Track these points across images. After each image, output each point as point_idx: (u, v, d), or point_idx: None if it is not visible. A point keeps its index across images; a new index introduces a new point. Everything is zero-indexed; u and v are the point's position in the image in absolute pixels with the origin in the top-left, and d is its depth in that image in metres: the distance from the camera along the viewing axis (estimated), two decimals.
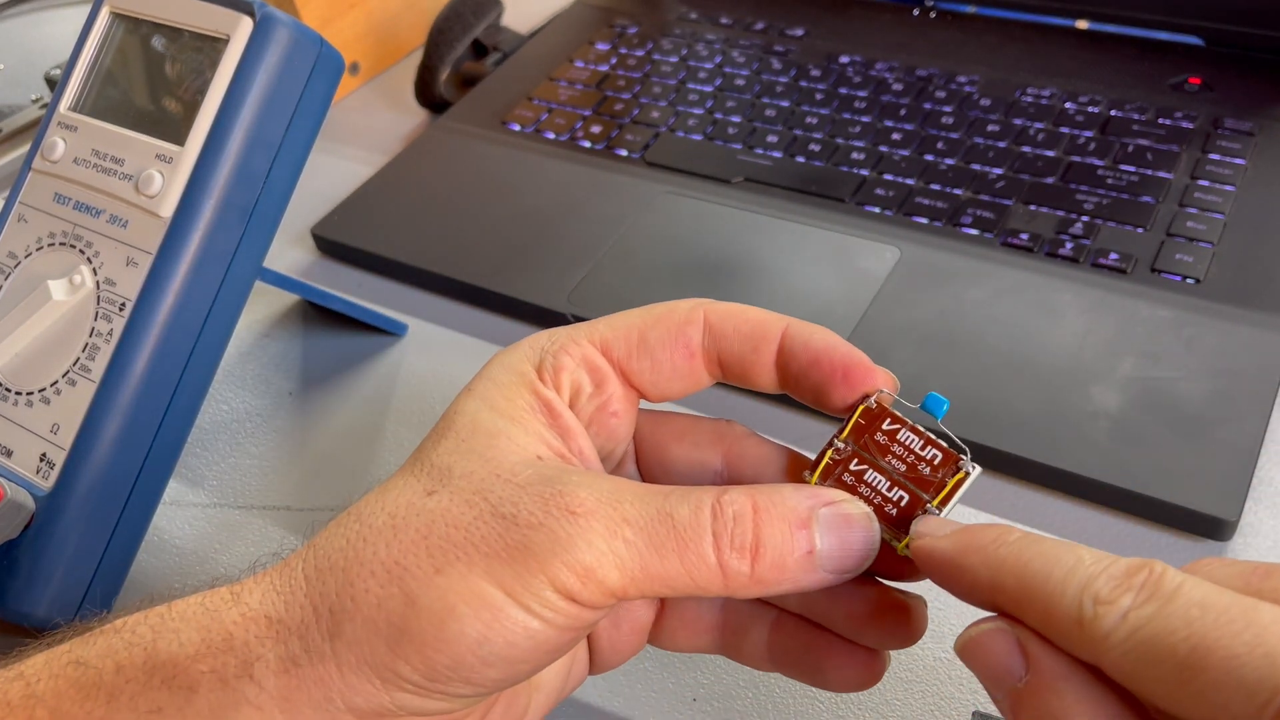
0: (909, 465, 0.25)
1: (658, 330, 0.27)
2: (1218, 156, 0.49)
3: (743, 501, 0.24)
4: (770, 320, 0.27)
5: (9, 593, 0.34)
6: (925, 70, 0.58)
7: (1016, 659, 0.21)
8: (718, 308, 0.27)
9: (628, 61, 0.62)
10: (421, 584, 0.23)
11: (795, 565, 0.23)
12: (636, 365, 0.27)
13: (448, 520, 0.23)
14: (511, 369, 0.26)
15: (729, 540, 0.23)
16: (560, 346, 0.27)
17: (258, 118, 0.35)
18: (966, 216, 0.48)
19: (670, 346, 0.27)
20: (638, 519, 0.23)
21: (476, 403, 0.26)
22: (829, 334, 0.26)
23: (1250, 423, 0.38)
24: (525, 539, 0.22)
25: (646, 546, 0.23)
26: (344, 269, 0.52)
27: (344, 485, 0.41)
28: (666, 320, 0.27)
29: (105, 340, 0.35)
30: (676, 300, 0.28)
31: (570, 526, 0.22)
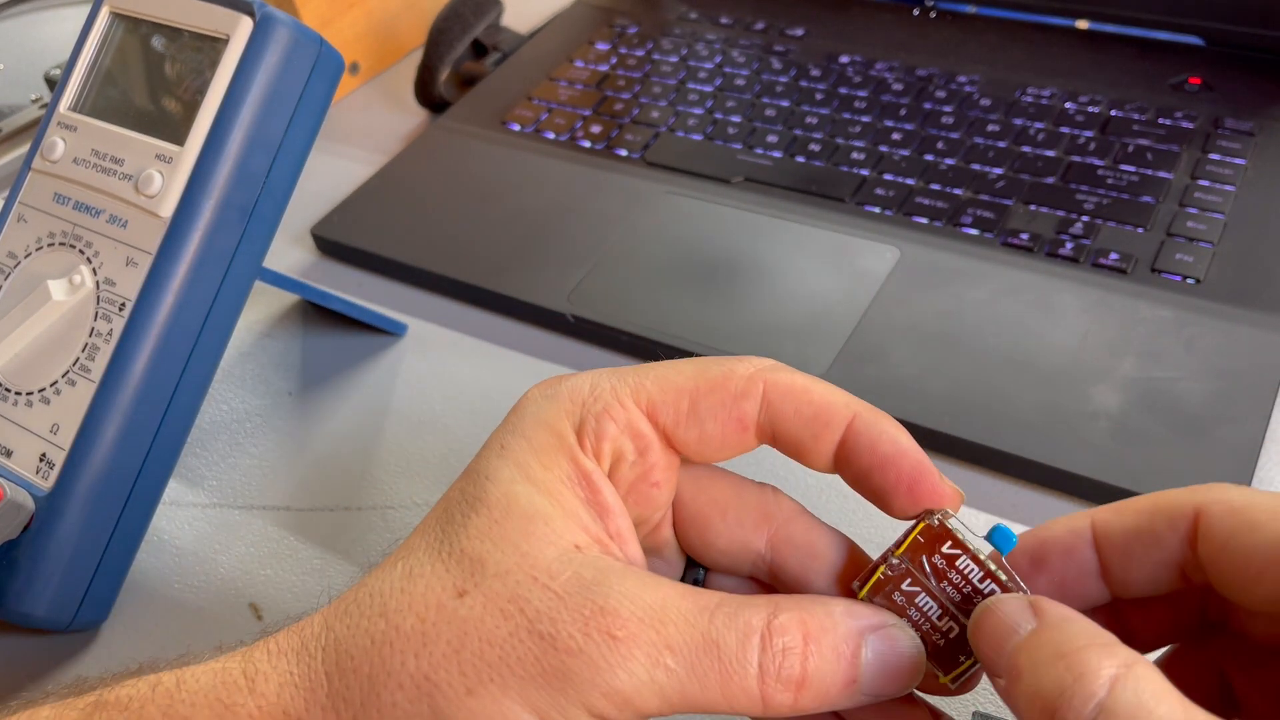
0: (964, 596, 0.24)
1: (710, 400, 0.25)
2: (1218, 156, 0.49)
3: (794, 633, 0.23)
4: (836, 406, 0.25)
5: (9, 593, 0.34)
6: (925, 70, 0.58)
7: (1028, 614, 0.22)
8: (779, 383, 0.25)
9: (628, 61, 0.62)
10: (453, 704, 0.21)
11: (838, 693, 0.23)
12: (684, 434, 0.25)
13: (481, 635, 0.22)
14: (549, 428, 0.25)
15: (775, 674, 0.22)
16: (604, 408, 0.25)
17: (257, 117, 0.35)
18: (967, 216, 0.48)
19: (722, 418, 0.25)
20: (682, 645, 0.22)
21: (511, 470, 0.24)
22: (899, 433, 0.25)
23: (1250, 423, 0.38)
24: (563, 665, 0.21)
25: (689, 675, 0.22)
26: (344, 269, 0.52)
27: (343, 485, 0.41)
28: (721, 389, 0.25)
29: (105, 340, 0.35)
30: (734, 363, 0.25)
31: (611, 654, 0.21)
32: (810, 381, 0.25)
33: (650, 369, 0.26)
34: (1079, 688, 0.20)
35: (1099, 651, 0.20)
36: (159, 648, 0.36)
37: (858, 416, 0.25)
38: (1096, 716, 0.19)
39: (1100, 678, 0.20)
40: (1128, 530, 0.24)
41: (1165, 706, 0.19)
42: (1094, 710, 0.19)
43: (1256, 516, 0.22)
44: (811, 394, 0.25)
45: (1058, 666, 0.20)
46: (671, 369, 0.25)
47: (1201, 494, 0.23)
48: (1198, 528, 0.23)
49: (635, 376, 0.25)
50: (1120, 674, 0.20)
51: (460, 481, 0.25)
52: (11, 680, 0.36)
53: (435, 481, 0.41)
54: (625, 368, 0.26)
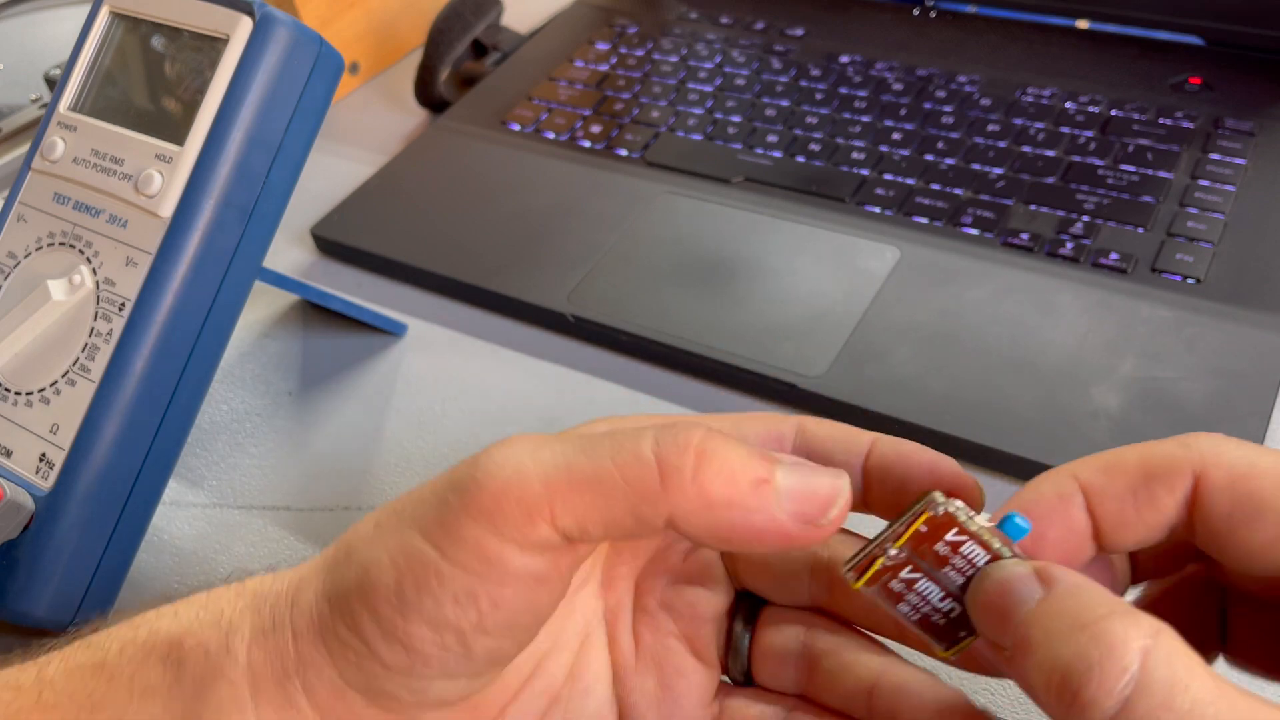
0: (967, 579, 0.23)
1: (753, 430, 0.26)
2: (1218, 156, 0.49)
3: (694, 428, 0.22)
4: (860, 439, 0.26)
5: (9, 592, 0.34)
6: (925, 70, 0.58)
7: (1034, 581, 0.21)
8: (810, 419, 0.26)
9: (628, 61, 0.62)
10: (364, 540, 0.23)
11: (747, 486, 0.21)
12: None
13: (413, 494, 0.23)
14: None
15: (672, 439, 0.21)
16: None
17: (257, 117, 0.35)
18: (967, 216, 0.48)
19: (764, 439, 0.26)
20: (574, 443, 0.22)
21: None
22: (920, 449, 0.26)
23: (1251, 423, 0.38)
24: (453, 479, 0.22)
25: (576, 449, 0.21)
26: (344, 269, 0.52)
27: (343, 485, 0.41)
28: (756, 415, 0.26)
29: (105, 340, 0.35)
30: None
31: (496, 455, 0.22)
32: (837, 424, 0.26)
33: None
34: (1109, 662, 0.19)
35: (1123, 621, 0.19)
36: None
37: (880, 437, 0.26)
38: (1130, 693, 0.18)
39: (1130, 650, 0.19)
40: (1120, 493, 0.23)
41: (1199, 681, 0.18)
42: (1128, 685, 0.18)
43: (1263, 489, 0.21)
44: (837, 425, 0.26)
45: (1080, 638, 0.19)
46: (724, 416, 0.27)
47: (1197, 450, 0.22)
48: (1198, 492, 0.22)
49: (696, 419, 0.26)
50: (1150, 645, 0.19)
51: None
52: None
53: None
54: None
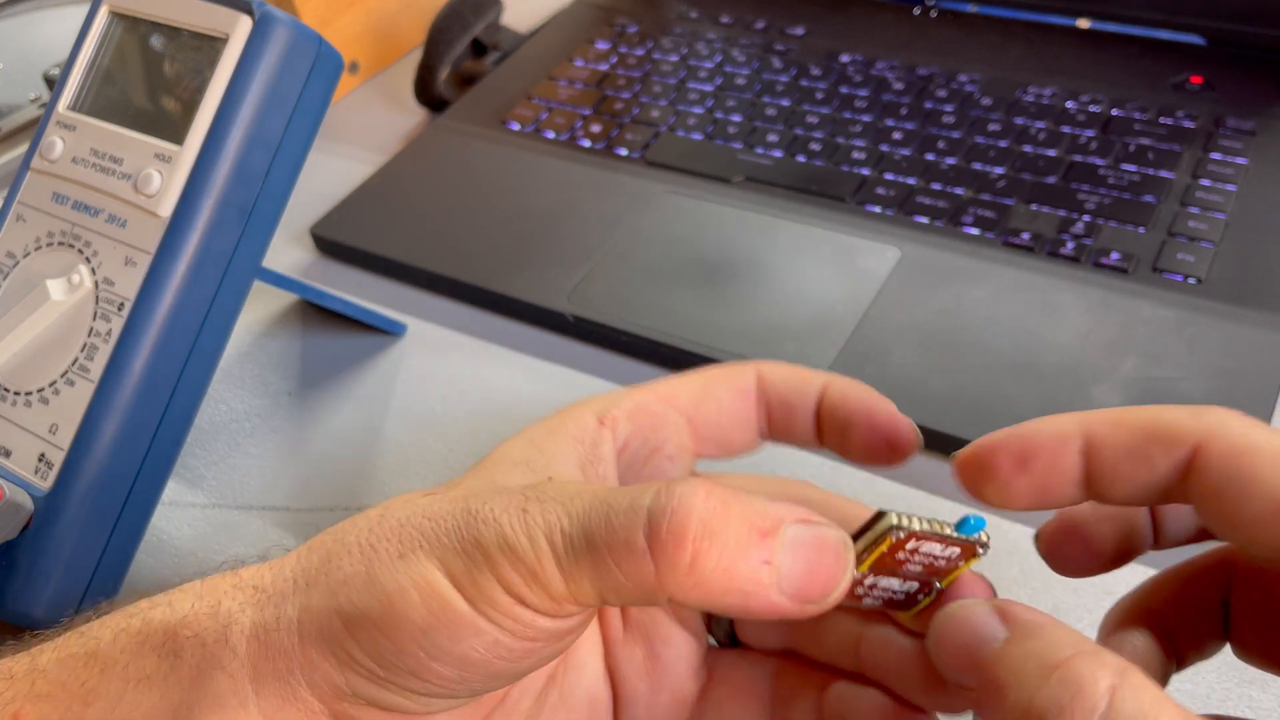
0: (925, 567, 0.24)
1: (719, 381, 0.29)
2: (1219, 156, 0.49)
3: (697, 492, 0.21)
4: (812, 374, 0.29)
5: (8, 593, 0.34)
6: (926, 69, 0.58)
7: (996, 621, 0.22)
8: (768, 366, 0.29)
9: (628, 60, 0.62)
10: (385, 565, 0.23)
11: (748, 573, 0.21)
12: (703, 410, 0.28)
13: (427, 514, 0.23)
14: (568, 411, 0.28)
15: (667, 524, 0.21)
16: (625, 394, 0.28)
17: (257, 117, 0.35)
18: (968, 216, 0.48)
19: (730, 390, 0.29)
20: (580, 510, 0.22)
21: (521, 442, 0.27)
22: (868, 391, 0.28)
23: None
24: (478, 533, 0.22)
25: (580, 537, 0.21)
26: (343, 269, 0.52)
27: (343, 485, 0.41)
28: (726, 371, 0.29)
29: (104, 340, 0.35)
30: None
31: (516, 521, 0.22)
32: (792, 366, 0.29)
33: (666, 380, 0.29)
34: (1078, 702, 0.19)
35: (1090, 661, 0.20)
36: None
37: (832, 379, 0.29)
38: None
39: (1099, 689, 0.19)
40: (1120, 447, 0.23)
41: (1166, 715, 0.19)
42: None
43: (1258, 466, 0.21)
44: (792, 367, 0.29)
45: (1050, 682, 0.20)
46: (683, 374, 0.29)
47: (1204, 420, 0.22)
48: (1194, 461, 0.22)
49: (659, 381, 0.29)
50: (1117, 684, 0.19)
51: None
52: None
53: (435, 481, 0.41)
54: None
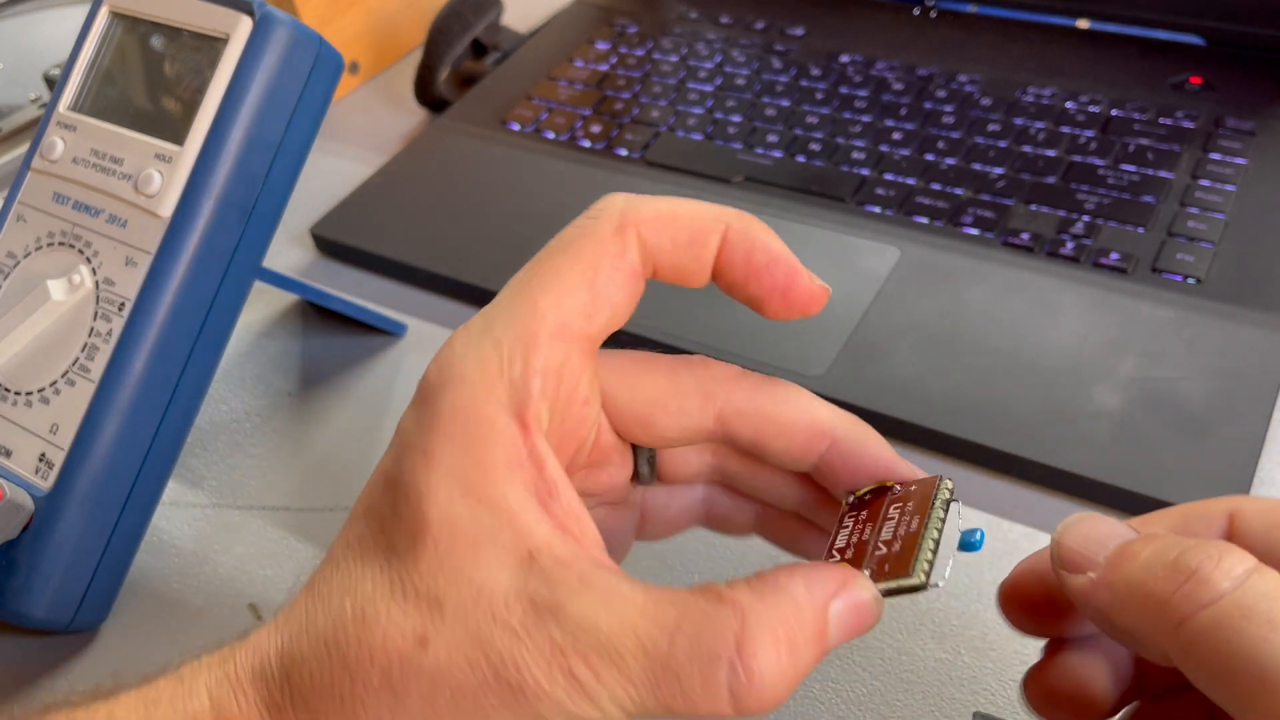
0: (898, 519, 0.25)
1: (603, 274, 0.24)
2: (1219, 156, 0.49)
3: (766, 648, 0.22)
4: (706, 224, 0.25)
5: (8, 593, 0.34)
6: (926, 69, 0.58)
7: (1126, 527, 0.23)
8: (647, 220, 0.24)
9: (628, 61, 0.62)
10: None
11: (809, 669, 0.23)
12: (595, 324, 0.24)
13: (452, 686, 0.21)
14: (479, 420, 0.23)
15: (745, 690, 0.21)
16: (526, 365, 0.23)
17: (257, 117, 0.35)
18: (967, 216, 0.48)
19: (619, 281, 0.24)
20: (644, 680, 0.21)
21: (447, 486, 0.22)
22: (770, 239, 0.25)
23: (1251, 423, 0.38)
24: (532, 711, 0.21)
25: (656, 704, 0.22)
26: (343, 269, 0.52)
27: (343, 485, 0.41)
28: (606, 259, 0.24)
29: (104, 340, 0.35)
30: (596, 224, 0.25)
31: (574, 694, 0.21)
32: (672, 204, 0.25)
33: (525, 291, 0.24)
34: (1225, 556, 0.20)
35: (1234, 547, 0.20)
36: (158, 648, 0.36)
37: (730, 229, 0.25)
38: (1245, 579, 0.19)
39: (1242, 555, 0.20)
40: (1167, 529, 0.24)
41: None
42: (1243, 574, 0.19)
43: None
44: (680, 219, 0.25)
45: (1196, 544, 0.20)
46: (547, 275, 0.24)
47: (1233, 499, 0.24)
48: (1233, 527, 0.23)
49: (525, 306, 0.24)
50: (1261, 564, 0.20)
51: (386, 495, 0.23)
52: (10, 680, 0.36)
53: None
54: (500, 304, 0.24)
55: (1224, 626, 0.19)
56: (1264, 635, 0.18)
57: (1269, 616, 0.19)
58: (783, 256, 0.25)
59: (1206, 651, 0.19)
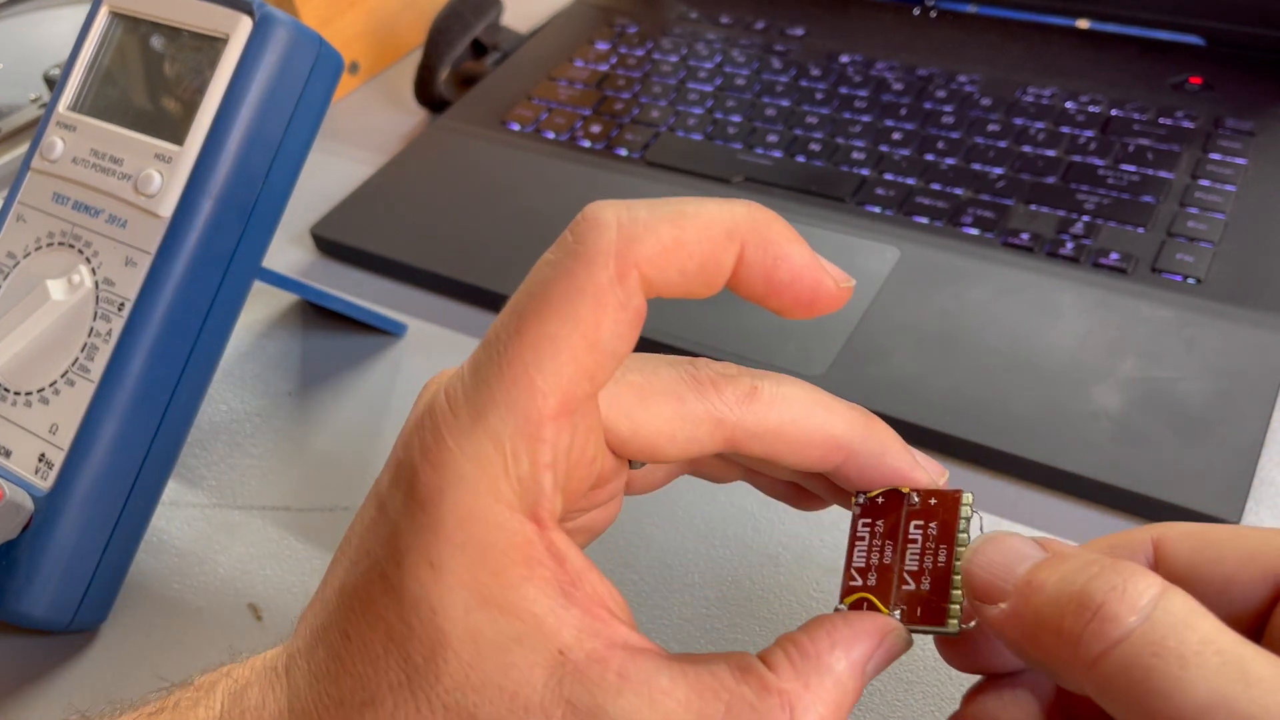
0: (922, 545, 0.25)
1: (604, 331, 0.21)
2: (1219, 156, 0.49)
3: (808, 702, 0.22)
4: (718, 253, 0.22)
5: (7, 593, 0.34)
6: (926, 70, 0.58)
7: (1035, 546, 0.22)
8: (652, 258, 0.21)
9: (628, 61, 0.62)
10: None
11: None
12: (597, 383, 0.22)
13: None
14: (494, 527, 0.21)
15: None
16: (533, 461, 0.21)
17: (257, 117, 0.35)
18: (967, 216, 0.48)
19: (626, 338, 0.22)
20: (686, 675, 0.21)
21: (462, 598, 0.21)
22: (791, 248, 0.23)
23: (1251, 423, 0.38)
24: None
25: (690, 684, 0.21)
26: (343, 269, 0.52)
27: (343, 485, 0.41)
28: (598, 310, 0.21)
29: (104, 340, 0.35)
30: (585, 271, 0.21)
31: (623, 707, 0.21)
32: (676, 227, 0.22)
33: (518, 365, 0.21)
34: (1130, 584, 0.19)
35: (1140, 568, 0.20)
36: (158, 648, 0.36)
37: (746, 247, 0.22)
38: (1151, 611, 0.19)
39: (1150, 580, 0.19)
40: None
41: (1214, 619, 0.19)
42: (1149, 604, 0.19)
43: (1215, 533, 0.23)
44: (687, 246, 0.22)
45: (1100, 572, 0.20)
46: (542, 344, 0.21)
47: (1155, 528, 0.24)
48: (1158, 554, 0.23)
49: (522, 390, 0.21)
50: (1169, 585, 0.19)
51: (390, 601, 0.21)
52: (10, 681, 0.36)
53: None
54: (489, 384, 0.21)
55: (1136, 666, 0.18)
56: (1175, 674, 0.18)
57: (1179, 652, 0.18)
58: (805, 268, 0.23)
59: (1121, 692, 0.19)
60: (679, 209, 0.22)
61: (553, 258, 0.22)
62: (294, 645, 0.24)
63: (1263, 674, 0.18)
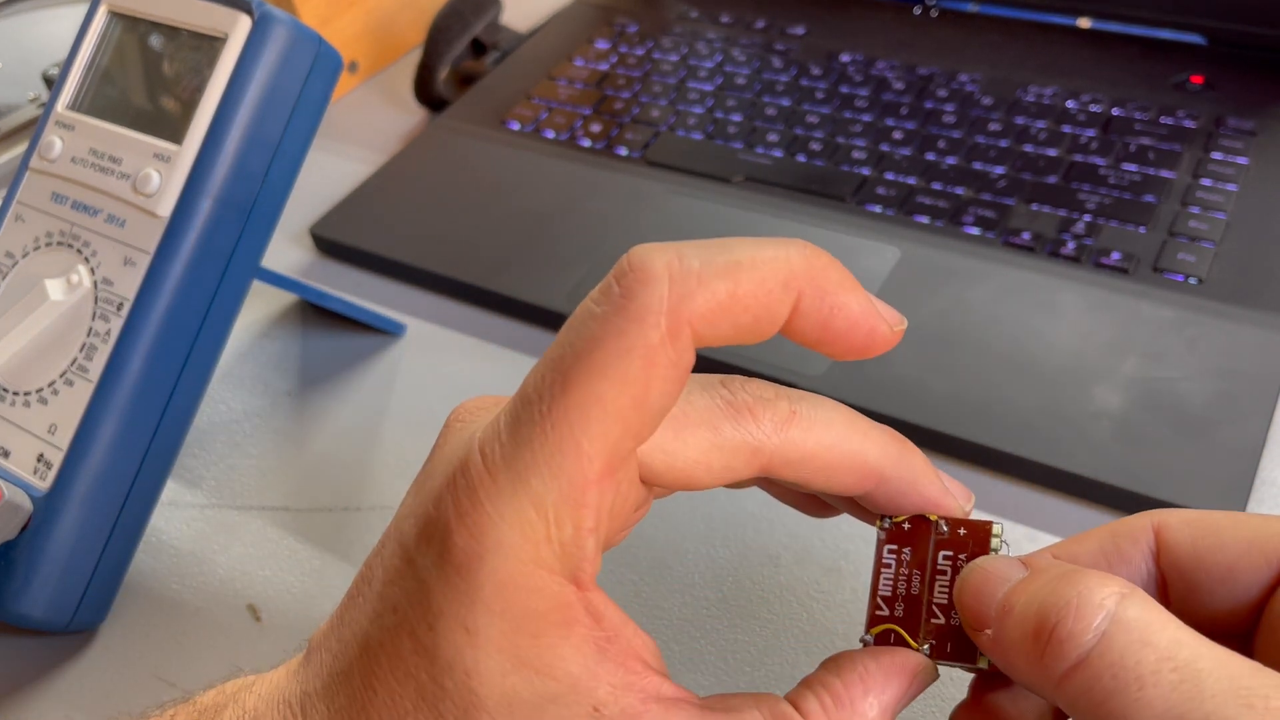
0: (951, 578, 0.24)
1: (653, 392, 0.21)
2: (1220, 155, 0.49)
3: None
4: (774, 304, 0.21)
5: (6, 594, 0.34)
6: (926, 69, 0.57)
7: (1017, 565, 0.22)
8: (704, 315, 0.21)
9: (628, 60, 0.62)
10: None
11: None
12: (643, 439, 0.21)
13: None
14: (532, 592, 0.20)
15: None
16: (577, 528, 0.20)
17: (256, 116, 0.35)
18: (968, 216, 0.48)
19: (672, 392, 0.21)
20: None
21: (497, 663, 0.20)
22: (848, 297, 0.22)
23: (1253, 423, 0.37)
24: None
25: None
26: (342, 268, 0.52)
27: (343, 485, 0.41)
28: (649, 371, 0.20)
29: (103, 340, 0.35)
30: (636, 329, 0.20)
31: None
32: (731, 280, 0.21)
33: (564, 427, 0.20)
34: (1085, 599, 0.19)
35: (1097, 578, 0.20)
36: (157, 648, 0.36)
37: (803, 298, 0.21)
38: (1107, 627, 0.19)
39: (1106, 592, 0.20)
40: (1093, 555, 0.24)
41: (1171, 629, 0.19)
42: (1103, 621, 0.19)
43: (1216, 520, 0.23)
44: (742, 300, 0.21)
45: (1057, 588, 0.20)
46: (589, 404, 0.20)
47: (1156, 513, 0.24)
48: (1159, 541, 0.23)
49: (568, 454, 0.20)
50: (1126, 593, 0.20)
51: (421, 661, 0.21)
52: (9, 681, 0.36)
53: None
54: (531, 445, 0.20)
55: (1096, 689, 0.19)
56: (1134, 695, 0.18)
57: (1137, 673, 0.18)
58: (862, 317, 0.22)
59: (1087, 712, 0.19)
60: (733, 257, 0.21)
61: (599, 311, 0.21)
62: (309, 683, 0.23)
63: (1217, 690, 0.18)
